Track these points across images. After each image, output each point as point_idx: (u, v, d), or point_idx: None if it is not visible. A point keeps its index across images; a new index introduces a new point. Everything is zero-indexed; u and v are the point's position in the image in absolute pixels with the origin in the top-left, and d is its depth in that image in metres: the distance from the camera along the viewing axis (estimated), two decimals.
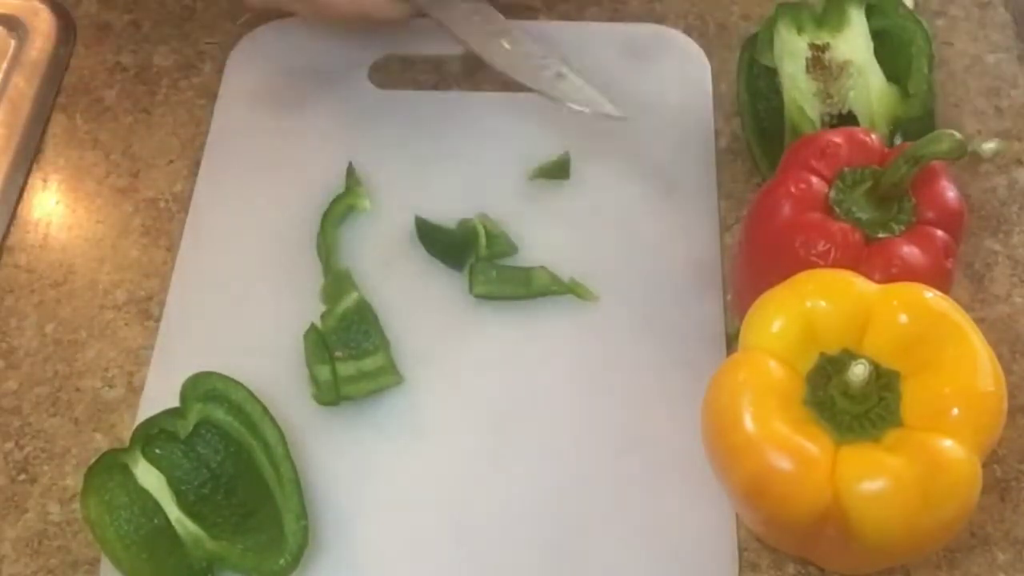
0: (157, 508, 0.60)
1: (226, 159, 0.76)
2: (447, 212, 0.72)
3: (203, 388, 0.61)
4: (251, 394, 0.62)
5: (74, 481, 0.64)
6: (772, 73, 0.72)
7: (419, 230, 0.71)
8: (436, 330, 0.69)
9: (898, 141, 0.68)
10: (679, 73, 0.78)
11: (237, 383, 0.62)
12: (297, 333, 0.67)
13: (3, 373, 0.68)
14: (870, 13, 0.71)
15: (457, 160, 0.75)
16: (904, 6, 0.71)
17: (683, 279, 0.70)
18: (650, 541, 0.62)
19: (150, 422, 0.61)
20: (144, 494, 0.60)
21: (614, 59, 0.79)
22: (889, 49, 0.70)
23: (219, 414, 0.61)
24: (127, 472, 0.60)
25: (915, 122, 0.68)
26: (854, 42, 0.70)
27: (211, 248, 0.72)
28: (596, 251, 0.71)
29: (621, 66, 0.78)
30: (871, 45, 0.70)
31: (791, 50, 0.71)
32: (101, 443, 0.66)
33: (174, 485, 0.60)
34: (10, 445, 0.66)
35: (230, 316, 0.69)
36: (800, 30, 0.71)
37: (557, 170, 0.74)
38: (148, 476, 0.60)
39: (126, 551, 0.59)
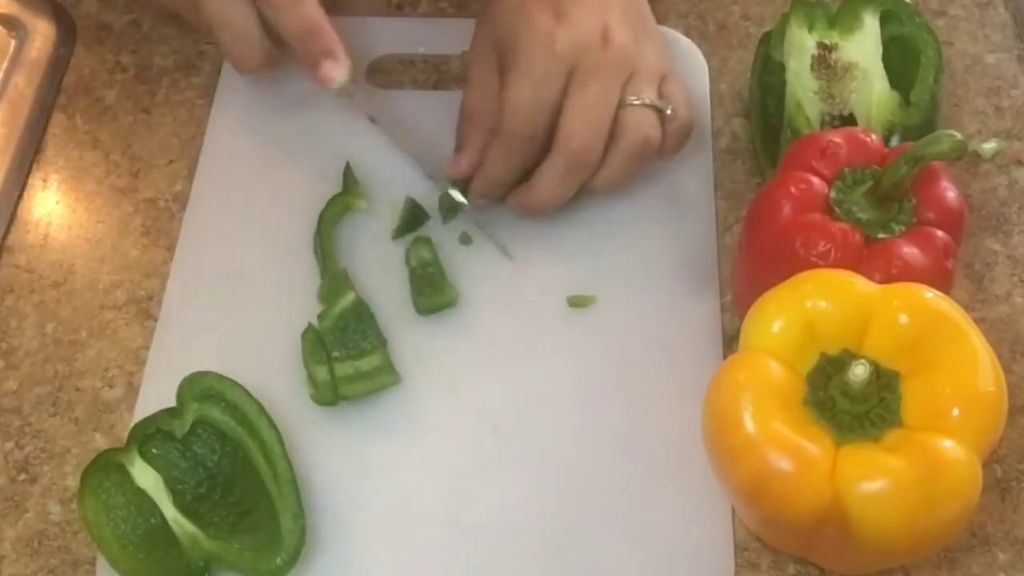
0: (154, 508, 0.60)
1: (223, 159, 0.76)
2: None
3: (199, 387, 0.61)
4: (248, 393, 0.62)
5: (74, 481, 0.63)
6: (783, 69, 0.72)
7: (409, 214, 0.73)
8: (434, 330, 0.69)
9: (895, 142, 0.68)
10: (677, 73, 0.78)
11: (233, 382, 0.62)
12: (295, 333, 0.67)
13: (3, 373, 0.68)
14: (886, 19, 0.71)
15: None
16: (921, 16, 0.71)
17: (681, 279, 0.70)
18: (649, 541, 0.62)
19: (147, 422, 0.61)
20: (141, 494, 0.60)
21: None
22: (900, 57, 0.70)
23: (215, 413, 0.61)
24: (124, 472, 0.60)
25: (913, 130, 0.68)
26: (863, 46, 0.70)
27: (208, 248, 0.72)
28: (593, 251, 0.71)
29: None
30: (880, 51, 0.70)
31: (799, 46, 0.71)
32: (101, 443, 0.66)
33: (171, 484, 0.60)
34: (10, 445, 0.66)
35: (227, 316, 0.69)
36: (811, 28, 0.71)
37: None
38: (145, 476, 0.60)
39: (123, 551, 0.59)
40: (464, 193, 0.72)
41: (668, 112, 0.69)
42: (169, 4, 0.76)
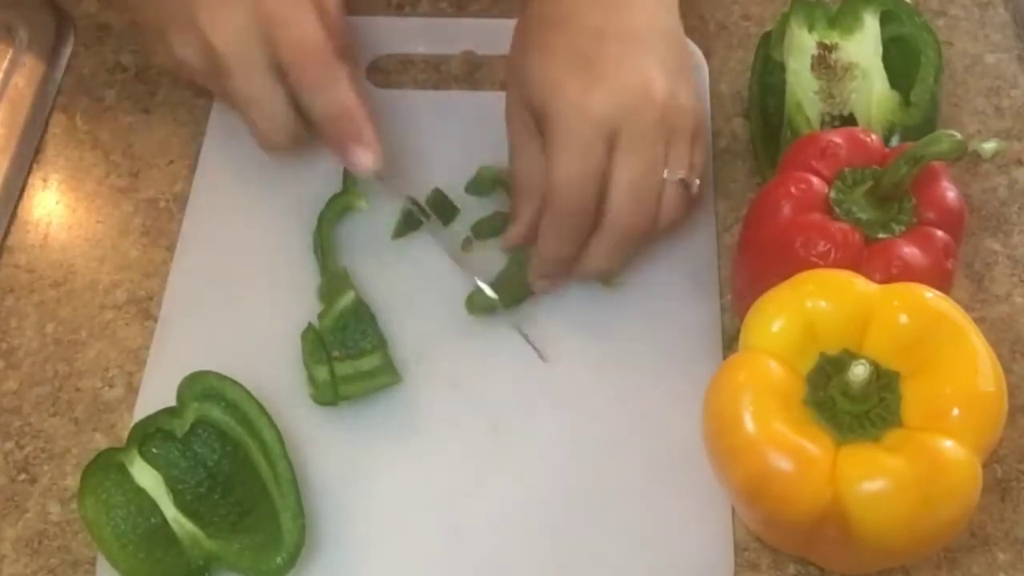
0: (154, 507, 0.60)
1: (223, 159, 0.75)
2: None
3: (199, 387, 0.61)
4: (248, 393, 0.61)
5: (74, 481, 0.63)
6: (783, 69, 0.72)
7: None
8: (434, 329, 0.69)
9: (895, 142, 0.68)
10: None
11: (234, 382, 0.62)
12: (295, 333, 0.67)
13: (3, 373, 0.68)
14: (886, 19, 0.71)
15: (456, 160, 0.75)
16: (921, 16, 0.71)
17: (681, 279, 0.70)
18: (649, 541, 0.62)
19: (147, 421, 0.61)
20: (141, 493, 0.60)
21: None
22: (900, 56, 0.70)
23: (216, 413, 0.61)
24: (124, 471, 0.60)
25: (913, 130, 0.68)
26: (863, 46, 0.70)
27: (208, 247, 0.72)
28: None
29: None
30: (880, 51, 0.70)
31: (799, 46, 0.71)
32: (101, 443, 0.66)
33: (171, 484, 0.60)
34: (10, 445, 0.66)
35: (227, 316, 0.69)
36: (811, 28, 0.71)
37: None
38: (145, 475, 0.60)
39: (123, 550, 0.59)
40: (512, 285, 0.69)
41: (695, 187, 0.66)
42: (186, 73, 0.70)
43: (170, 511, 0.60)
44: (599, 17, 0.64)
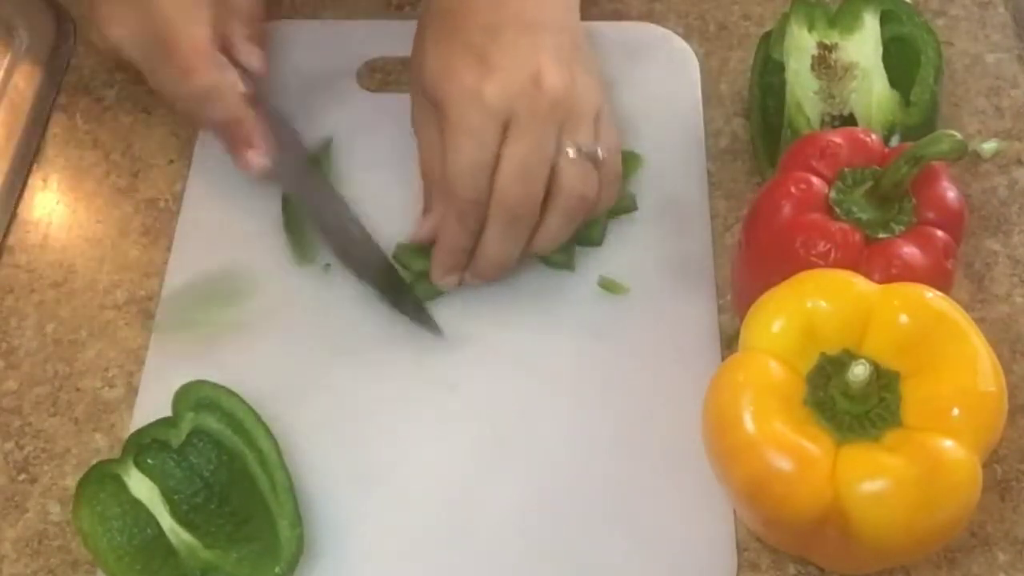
0: (150, 518, 0.59)
1: (216, 161, 0.75)
2: None
3: (195, 397, 0.61)
4: (243, 402, 0.61)
5: (74, 481, 0.63)
6: (783, 69, 0.72)
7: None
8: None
9: (895, 142, 0.68)
10: (667, 71, 0.78)
11: (229, 391, 0.61)
12: (292, 337, 0.67)
13: (3, 373, 0.68)
14: (886, 19, 0.71)
15: None
16: (921, 16, 0.71)
17: (678, 280, 0.70)
18: (650, 541, 0.62)
19: (142, 432, 0.61)
20: (137, 504, 0.59)
21: (602, 58, 0.78)
22: (899, 56, 0.70)
23: (211, 422, 0.61)
24: (119, 482, 0.60)
25: (913, 130, 0.68)
26: (863, 46, 0.70)
27: (202, 250, 0.72)
28: (590, 254, 0.71)
29: (608, 65, 0.77)
30: (880, 50, 0.70)
31: (799, 46, 0.71)
32: (101, 443, 0.66)
33: (167, 495, 0.60)
34: (10, 445, 0.66)
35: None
36: (811, 28, 0.71)
37: None
38: (141, 486, 0.60)
39: (119, 562, 0.58)
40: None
41: (602, 157, 0.65)
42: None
43: (166, 522, 0.59)
44: (493, 10, 0.65)
